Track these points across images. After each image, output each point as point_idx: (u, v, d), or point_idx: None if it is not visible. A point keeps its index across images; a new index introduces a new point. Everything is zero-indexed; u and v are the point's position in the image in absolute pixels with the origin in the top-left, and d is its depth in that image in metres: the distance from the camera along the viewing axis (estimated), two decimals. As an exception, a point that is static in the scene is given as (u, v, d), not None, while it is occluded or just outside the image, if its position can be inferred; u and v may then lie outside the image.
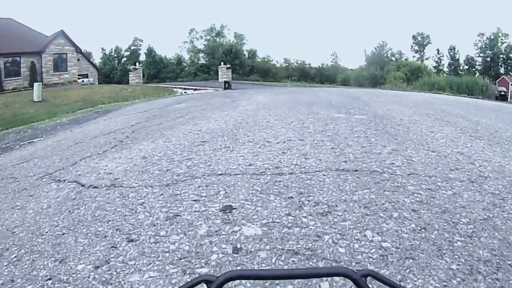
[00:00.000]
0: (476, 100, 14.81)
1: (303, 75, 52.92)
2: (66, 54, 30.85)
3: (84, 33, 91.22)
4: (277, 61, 58.85)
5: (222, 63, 35.03)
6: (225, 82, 22.24)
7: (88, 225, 1.87)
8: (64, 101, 16.99)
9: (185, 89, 21.47)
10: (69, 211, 2.09)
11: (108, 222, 1.89)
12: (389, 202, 1.94)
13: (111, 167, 2.93)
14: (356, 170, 2.46)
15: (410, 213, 1.83)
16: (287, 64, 57.74)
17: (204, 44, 58.43)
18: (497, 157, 2.98)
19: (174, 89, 21.01)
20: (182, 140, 3.76)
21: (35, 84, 17.89)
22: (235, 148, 3.23)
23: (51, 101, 17.00)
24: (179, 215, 1.90)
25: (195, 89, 20.98)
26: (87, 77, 38.30)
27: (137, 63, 34.51)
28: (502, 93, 32.94)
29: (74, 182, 2.64)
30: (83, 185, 2.52)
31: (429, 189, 2.15)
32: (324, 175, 2.37)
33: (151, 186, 2.35)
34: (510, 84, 42.29)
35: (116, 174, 2.70)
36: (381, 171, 2.46)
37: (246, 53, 56.01)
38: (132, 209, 2.02)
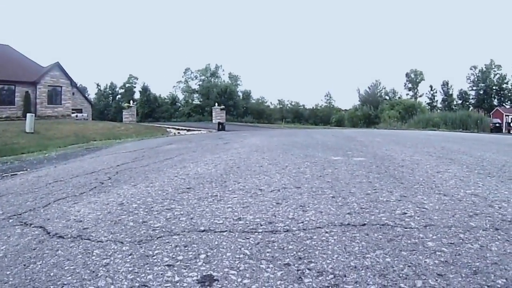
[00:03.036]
0: (472, 134, 14.77)
1: (297, 117, 53.59)
2: (61, 87, 30.80)
3: (80, 66, 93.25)
4: (271, 102, 59.95)
5: (216, 104, 35.39)
6: (219, 123, 22.28)
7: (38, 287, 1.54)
8: (56, 134, 16.71)
9: (178, 129, 21.38)
10: (24, 265, 1.77)
11: (62, 287, 1.53)
12: (409, 266, 1.57)
13: (83, 213, 2.62)
14: (364, 225, 2.10)
15: (436, 280, 1.45)
16: (281, 106, 58.66)
17: (199, 85, 59.50)
18: (514, 196, 2.72)
19: (168, 129, 20.88)
20: (166, 186, 3.42)
21: (28, 115, 17.79)
22: (223, 197, 2.86)
23: (43, 133, 16.67)
24: (146, 286, 1.51)
25: (188, 130, 20.88)
26: (81, 112, 38.33)
27: (131, 101, 34.78)
28: (497, 124, 33.77)
29: (40, 227, 2.36)
30: (48, 233, 2.23)
31: (452, 243, 1.81)
32: (326, 232, 2.00)
33: (121, 242, 1.98)
34: (504, 115, 43.27)
35: (86, 223, 2.37)
36: (393, 224, 2.11)
37: (240, 94, 57.01)
38: (93, 272, 1.64)
